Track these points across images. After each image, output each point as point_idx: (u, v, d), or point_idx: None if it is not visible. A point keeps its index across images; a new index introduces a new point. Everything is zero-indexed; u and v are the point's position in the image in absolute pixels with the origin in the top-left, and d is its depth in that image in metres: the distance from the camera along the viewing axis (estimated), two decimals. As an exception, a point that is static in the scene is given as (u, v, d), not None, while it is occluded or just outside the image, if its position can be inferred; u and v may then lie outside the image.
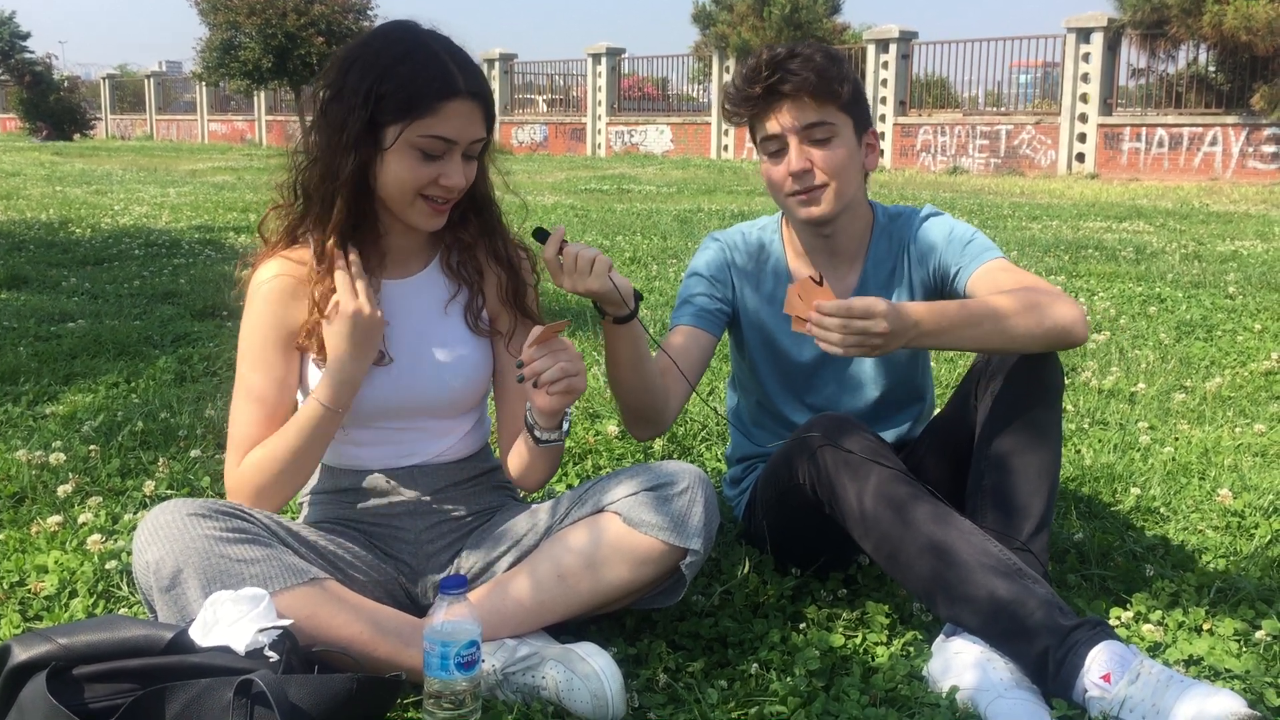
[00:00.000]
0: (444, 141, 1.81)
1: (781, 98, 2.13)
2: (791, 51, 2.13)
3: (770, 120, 2.16)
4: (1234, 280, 6.50)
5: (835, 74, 2.12)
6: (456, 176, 1.84)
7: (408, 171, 1.82)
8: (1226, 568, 2.37)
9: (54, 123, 34.27)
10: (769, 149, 2.20)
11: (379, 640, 1.77)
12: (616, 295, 1.87)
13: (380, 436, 1.99)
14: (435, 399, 1.98)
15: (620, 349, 1.99)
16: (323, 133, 1.85)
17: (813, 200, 2.18)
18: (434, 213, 1.88)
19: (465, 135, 1.83)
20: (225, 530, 1.73)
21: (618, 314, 1.92)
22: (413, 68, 1.79)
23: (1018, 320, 1.93)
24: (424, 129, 1.79)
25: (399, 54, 1.80)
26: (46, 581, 2.19)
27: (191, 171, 18.09)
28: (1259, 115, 16.79)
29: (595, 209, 11.39)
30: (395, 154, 1.82)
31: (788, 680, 1.84)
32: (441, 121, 1.79)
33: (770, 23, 22.97)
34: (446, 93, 1.79)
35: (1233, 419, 3.61)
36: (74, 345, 4.35)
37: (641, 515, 1.87)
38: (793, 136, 2.14)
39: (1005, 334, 1.94)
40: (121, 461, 2.94)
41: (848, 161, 2.16)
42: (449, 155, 1.83)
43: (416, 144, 1.80)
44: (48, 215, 9.82)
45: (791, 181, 2.17)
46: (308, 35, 23.89)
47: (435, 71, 1.79)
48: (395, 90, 1.78)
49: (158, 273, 6.49)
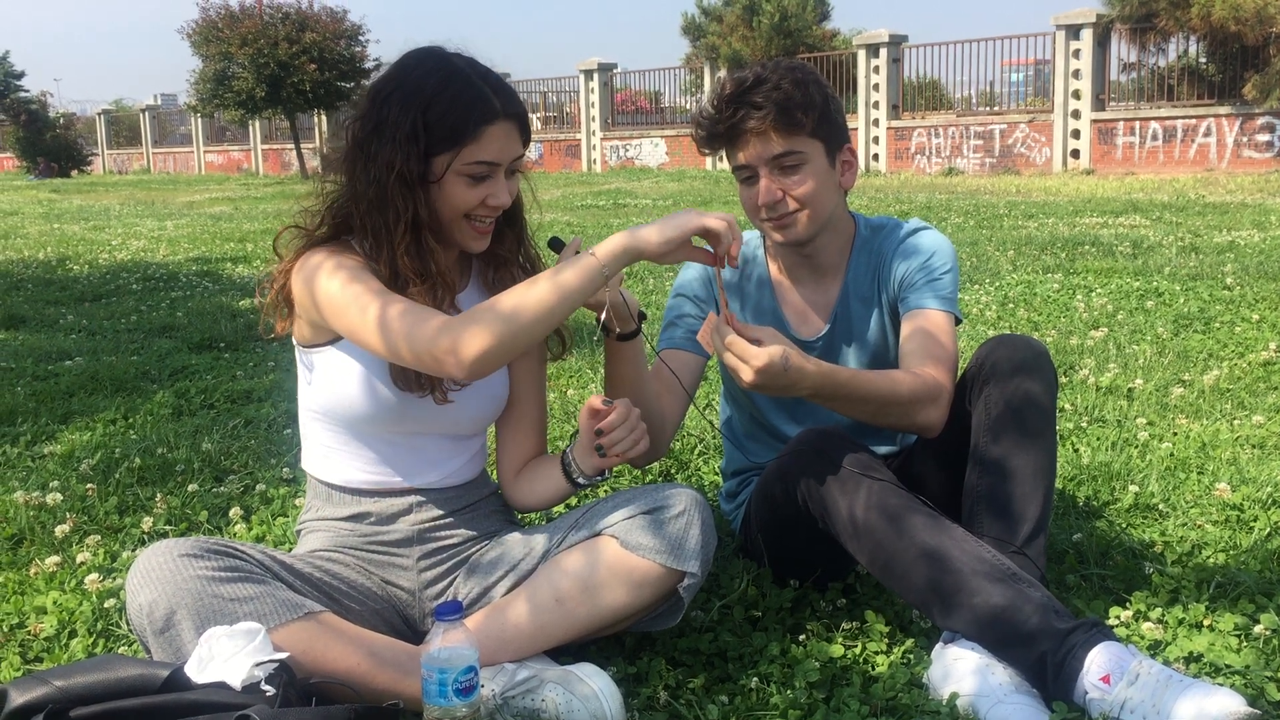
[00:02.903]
0: (489, 165, 1.84)
1: (745, 133, 2.12)
2: (758, 79, 2.10)
3: (738, 153, 2.16)
4: (1231, 271, 6.49)
5: (800, 101, 2.09)
6: (503, 196, 1.87)
7: (458, 198, 1.85)
8: (1226, 562, 2.36)
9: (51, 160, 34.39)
10: (741, 176, 2.19)
11: (377, 670, 1.77)
12: (625, 310, 1.88)
13: (389, 453, 1.99)
14: (456, 417, 1.98)
15: (622, 368, 2.00)
16: (366, 167, 1.84)
17: (787, 225, 2.18)
18: (479, 234, 1.91)
19: (507, 155, 1.86)
20: (218, 569, 1.73)
21: (624, 330, 1.93)
22: (452, 96, 1.81)
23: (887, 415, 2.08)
24: (470, 156, 1.82)
25: (437, 84, 1.82)
26: (46, 623, 2.19)
27: (189, 203, 18.14)
28: (1252, 104, 16.80)
29: (592, 225, 11.40)
30: (446, 183, 1.84)
31: (788, 693, 1.84)
32: (485, 147, 1.83)
33: (760, 32, 23.04)
34: (486, 117, 1.82)
35: (1231, 411, 3.60)
36: (71, 383, 4.36)
37: (638, 538, 1.88)
38: (762, 168, 2.14)
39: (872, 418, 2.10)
40: (119, 499, 2.94)
41: (819, 186, 2.16)
42: (494, 176, 1.86)
43: (464, 171, 1.83)
44: (45, 253, 9.84)
45: (764, 210, 2.17)
46: (300, 63, 23.97)
47: (473, 98, 1.81)
48: (438, 121, 1.80)
49: (155, 307, 6.50)
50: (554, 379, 4.27)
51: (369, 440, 1.99)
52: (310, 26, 24.62)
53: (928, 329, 2.15)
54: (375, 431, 1.97)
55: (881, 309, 2.30)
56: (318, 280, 1.84)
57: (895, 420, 2.09)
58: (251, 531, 2.71)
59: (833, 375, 1.95)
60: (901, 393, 2.02)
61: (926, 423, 2.08)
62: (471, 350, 1.70)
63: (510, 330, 1.71)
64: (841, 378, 1.97)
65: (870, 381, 2.02)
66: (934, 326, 2.16)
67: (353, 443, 1.99)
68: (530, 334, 1.74)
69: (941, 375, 2.08)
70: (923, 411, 2.05)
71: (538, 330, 1.74)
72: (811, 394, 1.94)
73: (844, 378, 1.97)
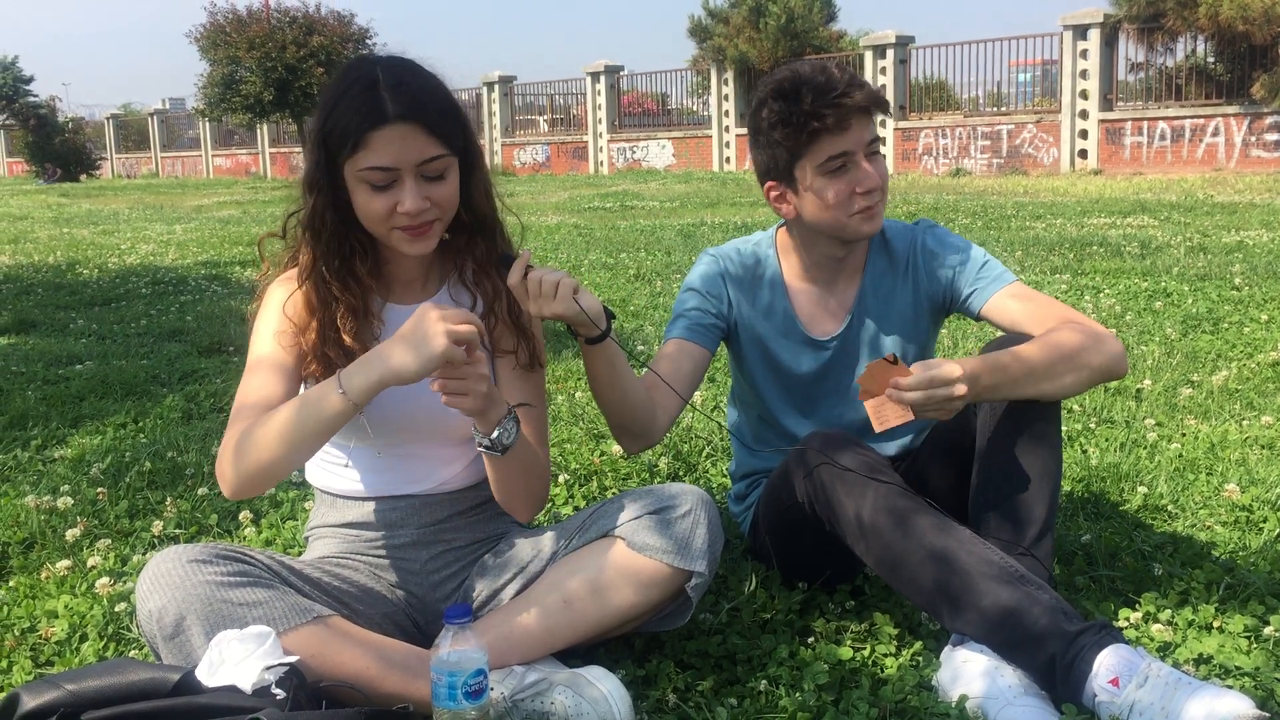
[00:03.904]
0: (383, 171, 1.80)
1: (853, 113, 2.09)
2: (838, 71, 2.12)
3: (843, 138, 2.10)
4: (1240, 271, 6.48)
5: (873, 92, 2.13)
6: (410, 201, 1.81)
7: (365, 205, 1.83)
8: (1235, 563, 2.36)
9: (60, 164, 34.50)
10: (831, 167, 2.13)
11: (386, 674, 1.77)
12: (584, 317, 1.86)
13: (385, 464, 2.00)
14: (443, 422, 1.97)
15: (597, 368, 1.99)
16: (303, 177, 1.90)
17: (874, 214, 2.18)
18: (411, 238, 1.86)
19: (405, 159, 1.80)
20: (227, 575, 1.73)
21: (589, 335, 1.92)
22: (344, 104, 1.80)
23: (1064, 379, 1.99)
24: (360, 163, 1.80)
25: (337, 91, 1.82)
26: (57, 626, 2.20)
27: (197, 207, 18.19)
28: (1260, 104, 16.76)
29: (599, 227, 11.41)
30: (352, 190, 1.84)
31: (797, 696, 1.84)
32: (373, 153, 1.79)
33: (766, 34, 23.01)
34: (372, 123, 1.77)
35: (1240, 412, 3.59)
36: (82, 387, 4.38)
37: (645, 539, 1.88)
38: (860, 151, 2.13)
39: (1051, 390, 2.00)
40: (130, 502, 2.95)
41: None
42: (399, 182, 1.81)
43: (361, 178, 1.81)
44: (55, 257, 9.88)
45: (862, 198, 2.14)
46: (308, 67, 24.02)
47: (360, 103, 1.78)
48: (331, 128, 1.81)
49: (164, 311, 6.53)
50: (562, 381, 4.28)
51: (364, 453, 2.00)
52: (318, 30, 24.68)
53: (1021, 302, 2.17)
54: (368, 446, 1.98)
55: (906, 309, 2.30)
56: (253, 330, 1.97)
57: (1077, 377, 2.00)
58: (261, 535, 2.72)
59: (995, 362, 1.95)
60: (1067, 348, 2.00)
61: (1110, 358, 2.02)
62: (226, 486, 1.82)
63: (248, 469, 1.78)
64: (1004, 361, 1.96)
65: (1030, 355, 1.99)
66: (1021, 297, 2.17)
67: (350, 455, 2.01)
68: (276, 468, 1.77)
69: (1074, 315, 2.10)
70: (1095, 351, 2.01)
71: (286, 463, 1.77)
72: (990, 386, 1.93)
73: (1005, 360, 1.96)
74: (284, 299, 1.93)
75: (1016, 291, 2.18)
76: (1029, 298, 2.18)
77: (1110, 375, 2.07)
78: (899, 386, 1.86)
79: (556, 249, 9.33)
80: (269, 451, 1.76)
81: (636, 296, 6.50)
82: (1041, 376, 1.97)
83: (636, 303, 6.26)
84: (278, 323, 1.92)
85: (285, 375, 1.89)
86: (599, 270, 7.78)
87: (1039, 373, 1.97)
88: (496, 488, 1.95)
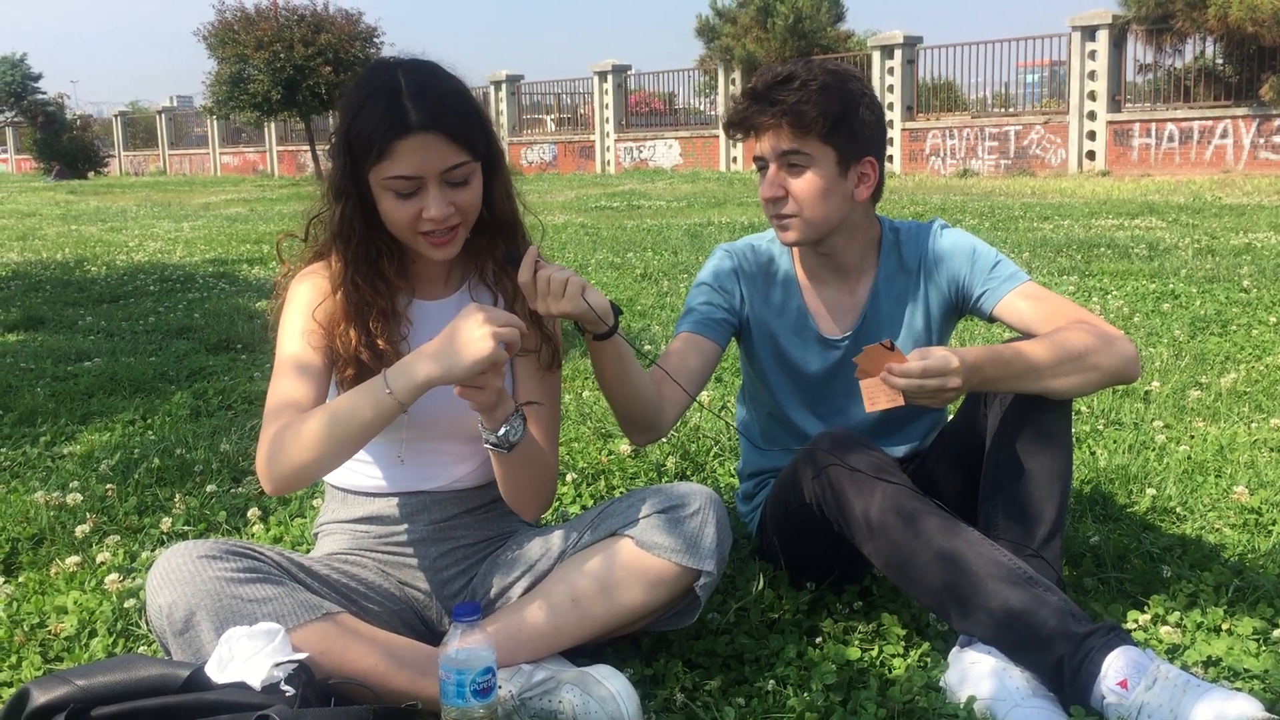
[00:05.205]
0: (407, 180, 1.81)
1: (763, 126, 2.15)
2: (789, 76, 2.12)
3: (756, 143, 2.19)
4: (1248, 274, 6.47)
5: (818, 104, 2.09)
6: (436, 208, 1.82)
7: (391, 211, 1.84)
8: (1244, 565, 2.36)
9: (68, 162, 34.55)
10: (758, 165, 2.23)
11: (395, 671, 1.78)
12: (592, 315, 1.87)
13: (397, 460, 2.00)
14: (463, 419, 1.96)
15: (605, 364, 1.99)
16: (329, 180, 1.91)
17: (784, 225, 2.21)
18: (435, 245, 1.88)
19: (429, 168, 1.81)
20: (237, 571, 1.74)
21: (596, 331, 1.92)
22: (368, 111, 1.80)
23: (1071, 378, 2.00)
24: (384, 171, 1.81)
25: (361, 99, 1.82)
26: (66, 622, 2.20)
27: (205, 205, 18.22)
28: (1269, 106, 16.71)
29: (606, 226, 11.41)
30: (377, 196, 1.85)
31: (804, 696, 1.84)
32: (396, 162, 1.79)
33: (774, 33, 23.00)
34: (396, 133, 1.78)
35: (1248, 414, 3.59)
36: (90, 384, 4.38)
37: (654, 538, 1.88)
38: (774, 162, 2.16)
39: (1057, 388, 2.00)
40: (138, 499, 2.96)
41: (820, 192, 2.15)
42: (423, 189, 1.82)
43: (386, 186, 1.82)
44: (63, 254, 9.90)
45: (767, 204, 2.21)
46: (315, 65, 24.00)
47: (384, 113, 1.79)
48: (355, 136, 1.81)
49: (172, 308, 6.54)
50: (568, 380, 4.28)
51: (378, 447, 2.00)
52: (325, 28, 24.66)
53: (1033, 303, 2.16)
54: (392, 442, 1.98)
55: (918, 308, 2.30)
56: (279, 328, 1.95)
57: (1085, 378, 2.01)
58: (269, 532, 2.73)
59: (998, 355, 1.96)
60: (1075, 348, 2.00)
61: (1121, 360, 2.03)
62: (266, 484, 1.82)
63: (286, 469, 1.78)
64: (1007, 355, 1.97)
65: (1035, 350, 2.00)
66: (1034, 297, 2.17)
67: (369, 451, 2.01)
68: (316, 467, 1.78)
69: (1086, 316, 2.10)
70: (1105, 353, 2.02)
71: (328, 464, 1.79)
72: (993, 379, 1.95)
73: (1008, 354, 1.97)
74: (310, 298, 1.93)
75: (1029, 292, 2.18)
76: (1041, 298, 2.17)
77: (1121, 378, 2.07)
78: (893, 372, 1.87)
79: (564, 248, 9.33)
80: (311, 452, 1.76)
81: (643, 296, 6.50)
82: (1045, 374, 1.97)
83: (643, 302, 6.26)
84: (305, 322, 1.92)
85: (316, 375, 1.89)
86: (606, 270, 7.78)
87: (1042, 370, 1.97)
88: (503, 485, 1.95)
